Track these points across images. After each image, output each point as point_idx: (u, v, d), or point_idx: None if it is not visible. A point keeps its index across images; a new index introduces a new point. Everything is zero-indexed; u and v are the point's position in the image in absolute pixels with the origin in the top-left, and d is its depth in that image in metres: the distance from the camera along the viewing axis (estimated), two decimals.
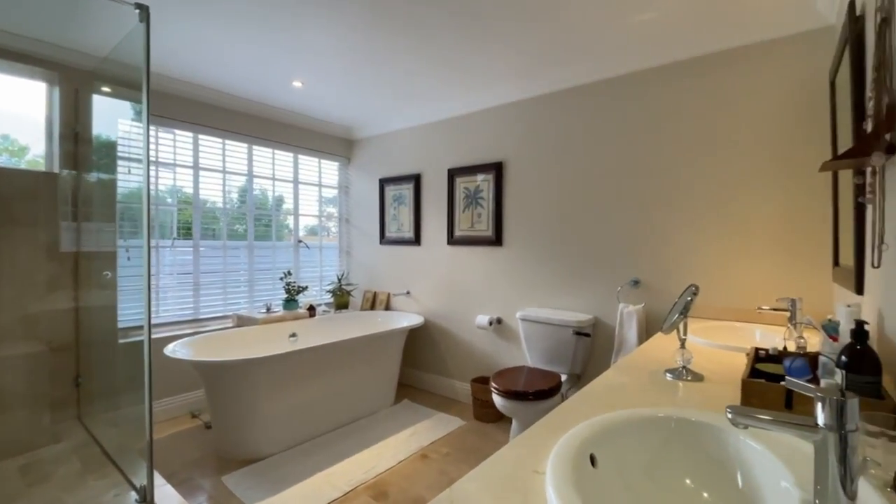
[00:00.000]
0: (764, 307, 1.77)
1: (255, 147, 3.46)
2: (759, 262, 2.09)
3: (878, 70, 1.00)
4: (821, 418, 0.58)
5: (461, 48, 2.37)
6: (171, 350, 2.39)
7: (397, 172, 3.69)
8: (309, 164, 3.87)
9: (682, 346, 1.26)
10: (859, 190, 1.33)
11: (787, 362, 1.00)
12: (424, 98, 3.15)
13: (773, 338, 1.78)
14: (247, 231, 3.46)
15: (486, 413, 2.88)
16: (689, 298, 1.20)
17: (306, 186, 3.86)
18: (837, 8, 1.73)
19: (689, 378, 1.22)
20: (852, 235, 1.36)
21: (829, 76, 1.84)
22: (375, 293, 3.88)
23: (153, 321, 2.29)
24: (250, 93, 3.14)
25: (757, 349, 1.28)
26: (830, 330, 1.23)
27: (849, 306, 1.12)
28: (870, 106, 1.07)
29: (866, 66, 1.29)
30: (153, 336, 1.85)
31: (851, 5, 1.29)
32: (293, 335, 3.16)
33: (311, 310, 3.47)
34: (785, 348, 1.22)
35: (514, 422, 2.39)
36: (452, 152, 3.30)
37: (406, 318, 3.43)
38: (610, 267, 2.56)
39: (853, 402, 0.57)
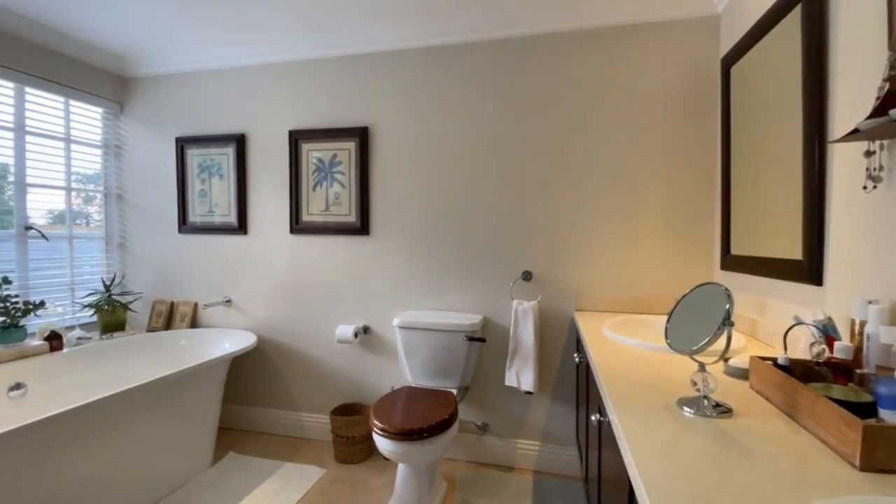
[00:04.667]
0: None
1: None
2: (646, 249, 2.03)
3: None
4: None
5: None
6: None
7: (207, 130, 2.61)
8: (48, 106, 2.40)
9: (703, 368, 0.93)
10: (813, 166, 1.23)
11: (881, 388, 0.74)
12: (258, 25, 2.22)
13: None
14: None
15: (353, 452, 2.22)
16: (728, 306, 0.86)
17: (42, 141, 2.39)
18: None
19: (715, 414, 0.89)
20: (801, 220, 1.26)
21: (720, 64, 1.84)
22: (174, 304, 2.71)
23: None
24: None
25: (762, 358, 1.04)
26: (830, 330, 1.07)
27: (870, 302, 0.95)
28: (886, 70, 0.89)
29: (827, 40, 1.18)
30: None
31: None
32: (17, 387, 1.87)
33: (55, 339, 2.15)
34: (786, 354, 1.01)
35: (401, 466, 1.82)
36: (298, 109, 2.45)
37: (229, 338, 2.44)
38: (499, 258, 2.22)
39: None
